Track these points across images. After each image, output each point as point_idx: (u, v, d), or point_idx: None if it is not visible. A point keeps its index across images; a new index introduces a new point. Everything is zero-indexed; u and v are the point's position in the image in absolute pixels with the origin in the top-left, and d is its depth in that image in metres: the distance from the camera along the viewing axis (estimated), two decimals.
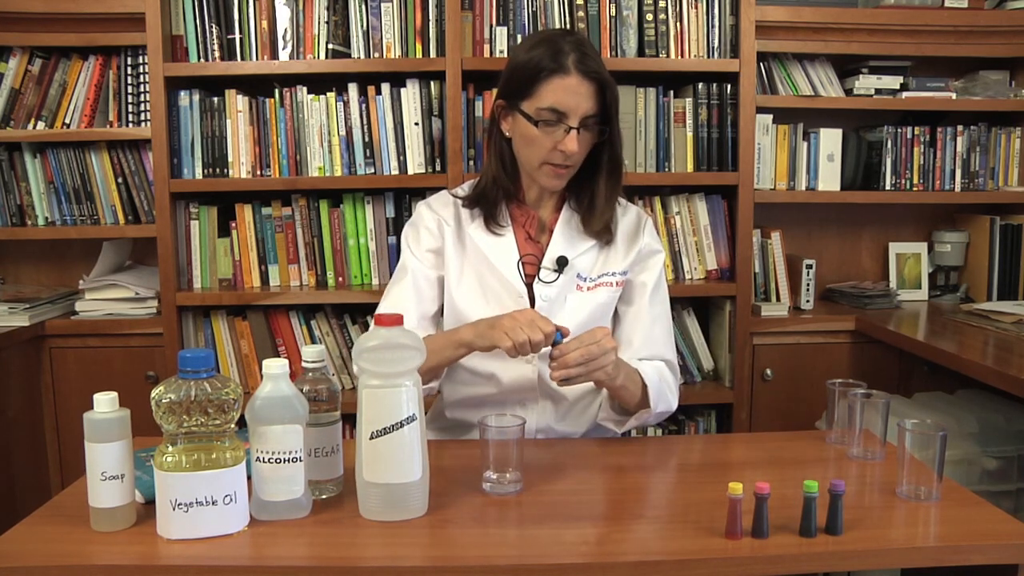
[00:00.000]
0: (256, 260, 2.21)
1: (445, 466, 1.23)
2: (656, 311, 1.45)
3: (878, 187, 2.37)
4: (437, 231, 1.46)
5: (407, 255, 1.46)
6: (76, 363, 2.15)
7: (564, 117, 1.31)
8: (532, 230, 1.44)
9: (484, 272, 1.42)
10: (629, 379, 1.31)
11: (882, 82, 2.30)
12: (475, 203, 1.45)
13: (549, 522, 1.04)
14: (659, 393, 1.35)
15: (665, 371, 1.41)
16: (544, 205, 1.46)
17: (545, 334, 1.20)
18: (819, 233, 2.56)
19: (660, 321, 1.46)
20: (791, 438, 1.37)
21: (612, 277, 1.43)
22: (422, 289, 1.43)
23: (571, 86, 1.30)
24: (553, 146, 1.33)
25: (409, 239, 1.48)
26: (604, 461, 1.30)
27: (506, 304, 1.41)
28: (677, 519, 1.05)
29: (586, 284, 1.42)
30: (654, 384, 1.34)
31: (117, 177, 2.22)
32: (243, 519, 1.01)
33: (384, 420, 1.01)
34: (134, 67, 2.19)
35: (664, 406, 1.38)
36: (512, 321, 1.22)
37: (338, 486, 1.12)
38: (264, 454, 1.02)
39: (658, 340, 1.44)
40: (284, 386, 1.03)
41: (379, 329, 1.03)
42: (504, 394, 1.41)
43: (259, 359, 2.19)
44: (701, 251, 2.28)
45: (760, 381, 2.24)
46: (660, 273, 1.47)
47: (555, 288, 1.41)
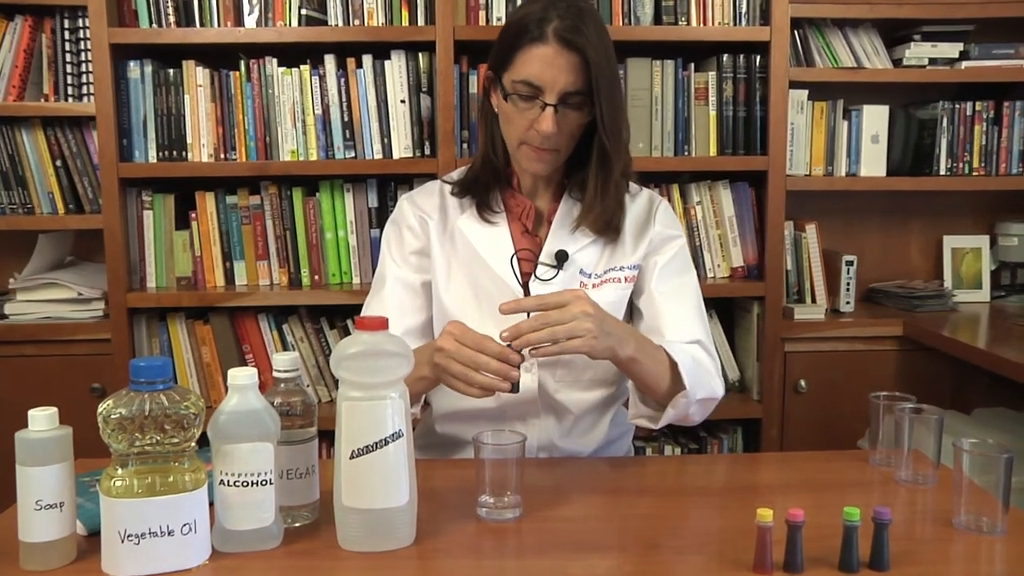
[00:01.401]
0: (220, 256, 2.21)
1: (435, 489, 1.23)
2: (673, 284, 1.43)
3: (931, 172, 2.37)
4: (420, 229, 1.46)
5: (386, 261, 1.47)
6: (8, 374, 2.15)
7: (540, 92, 1.31)
8: (529, 222, 1.44)
9: (475, 270, 1.43)
10: (645, 353, 1.27)
11: (938, 50, 2.28)
12: (465, 190, 1.45)
13: (553, 552, 1.04)
14: (695, 375, 1.31)
15: (698, 352, 1.37)
16: (541, 194, 1.46)
17: (494, 354, 1.16)
18: (861, 225, 2.56)
19: (681, 296, 1.43)
20: (829, 458, 1.37)
21: (620, 272, 1.43)
22: (403, 300, 1.44)
23: (547, 57, 1.29)
24: (529, 125, 1.33)
25: (391, 241, 1.48)
26: (615, 483, 1.30)
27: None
28: (698, 550, 1.05)
29: (591, 281, 1.42)
30: (685, 362, 1.30)
31: (55, 160, 2.22)
32: (204, 552, 1.01)
33: (366, 437, 1.01)
34: (73, 31, 2.18)
35: (706, 392, 1.33)
36: (449, 360, 1.17)
37: (314, 512, 1.13)
38: (229, 476, 1.02)
39: (683, 318, 1.40)
40: (252, 399, 1.03)
41: (361, 334, 1.03)
42: (502, 407, 1.41)
43: (223, 368, 2.20)
44: (725, 246, 2.28)
45: (793, 394, 2.25)
46: (676, 253, 1.45)
47: (554, 287, 1.40)
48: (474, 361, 1.17)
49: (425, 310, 1.46)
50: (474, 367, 1.17)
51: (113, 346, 2.14)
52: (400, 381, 1.03)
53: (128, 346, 2.15)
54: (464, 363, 1.17)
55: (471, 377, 1.18)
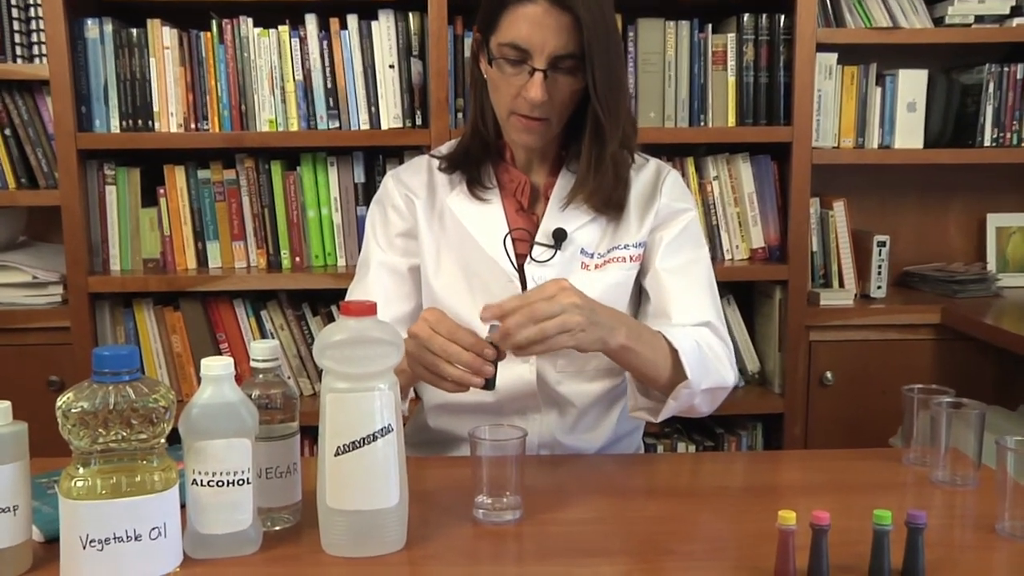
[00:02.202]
0: (191, 236, 2.21)
1: (428, 489, 1.24)
2: (680, 261, 1.42)
3: (974, 143, 2.36)
4: (406, 209, 1.46)
5: (370, 244, 1.47)
6: None
7: (528, 56, 1.30)
8: (524, 199, 1.44)
9: (466, 252, 1.43)
10: (640, 341, 1.26)
11: (985, 6, 2.26)
12: (454, 165, 1.45)
13: (556, 558, 1.04)
14: (698, 361, 1.30)
15: (707, 336, 1.37)
16: (537, 168, 1.46)
17: (467, 345, 1.15)
18: (895, 203, 2.56)
19: (690, 274, 1.42)
20: (857, 457, 1.38)
21: (625, 251, 1.43)
22: (389, 286, 1.44)
23: (535, 17, 1.28)
24: (517, 93, 1.33)
25: (375, 223, 1.48)
26: (623, 483, 1.30)
27: (493, 292, 1.40)
28: (714, 556, 1.06)
29: (593, 261, 1.42)
30: (687, 348, 1.29)
31: (3, 128, 2.21)
32: (175, 558, 1.01)
33: (353, 432, 1.01)
34: None
35: (713, 380, 1.33)
36: (420, 348, 1.16)
37: (295, 515, 1.13)
38: (202, 476, 1.02)
39: (691, 298, 1.40)
40: (228, 391, 1.03)
41: (346, 320, 1.03)
42: (499, 401, 1.41)
43: (196, 359, 2.20)
44: (744, 225, 2.28)
45: (818, 387, 2.25)
46: (686, 227, 1.44)
47: (552, 268, 1.40)
48: (444, 351, 1.16)
49: (413, 297, 1.46)
50: (445, 357, 1.17)
51: (73, 335, 2.14)
52: (389, 371, 1.04)
53: (89, 335, 2.15)
54: (436, 352, 1.17)
55: (441, 368, 1.17)
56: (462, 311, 1.39)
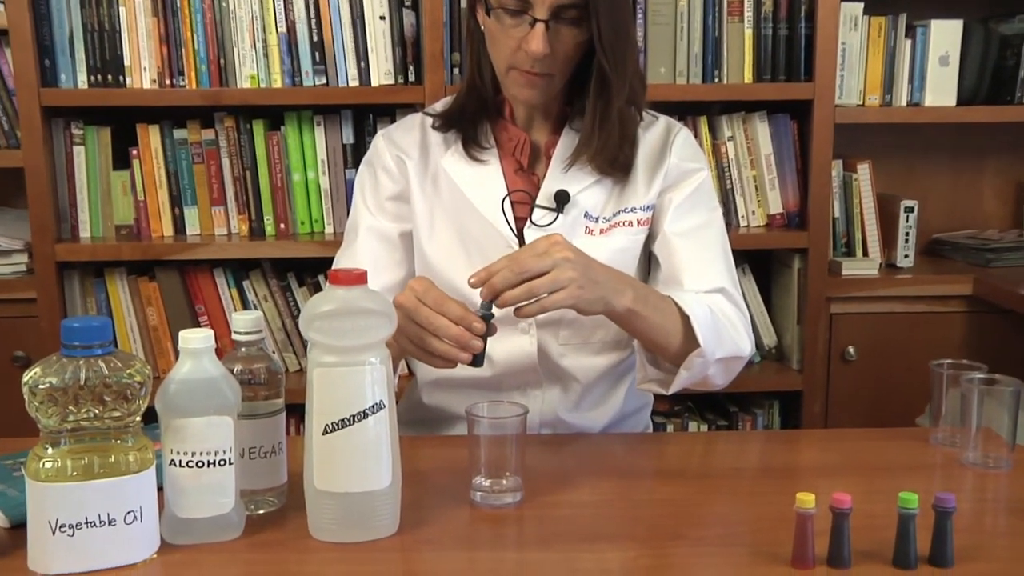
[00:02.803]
0: (167, 201, 2.21)
1: (422, 470, 1.24)
2: (691, 223, 1.42)
3: (1012, 100, 2.35)
4: (397, 171, 1.46)
5: (359, 208, 1.47)
6: None
7: (528, 6, 1.30)
8: (524, 158, 1.44)
9: (462, 216, 1.43)
10: (648, 304, 1.26)
11: None
12: (449, 123, 1.45)
13: (558, 544, 1.05)
14: (712, 330, 1.30)
15: (721, 303, 1.37)
16: (538, 126, 1.45)
17: (455, 318, 1.15)
18: (924, 165, 2.55)
19: (702, 238, 1.42)
20: (882, 437, 1.38)
21: (632, 214, 1.43)
22: (378, 254, 1.44)
23: None
24: (518, 46, 1.32)
25: (364, 185, 1.48)
26: (631, 464, 1.31)
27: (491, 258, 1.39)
28: (727, 541, 1.06)
29: (598, 226, 1.42)
30: (699, 314, 1.29)
31: None
32: (151, 544, 1.01)
33: (342, 410, 1.02)
34: None
35: (728, 349, 1.33)
36: (405, 319, 1.15)
37: (281, 498, 1.14)
38: (181, 456, 1.02)
39: (703, 263, 1.40)
40: (208, 365, 1.03)
41: (335, 289, 1.03)
42: (498, 375, 1.42)
43: (173, 332, 2.20)
44: (761, 190, 2.27)
45: (840, 362, 2.26)
46: (698, 188, 1.44)
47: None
48: (430, 323, 1.16)
49: (404, 264, 1.46)
50: (431, 330, 1.16)
51: (39, 307, 2.14)
52: (381, 344, 1.04)
53: (57, 307, 2.15)
54: (421, 324, 1.16)
55: (426, 342, 1.17)
56: (457, 278, 1.39)
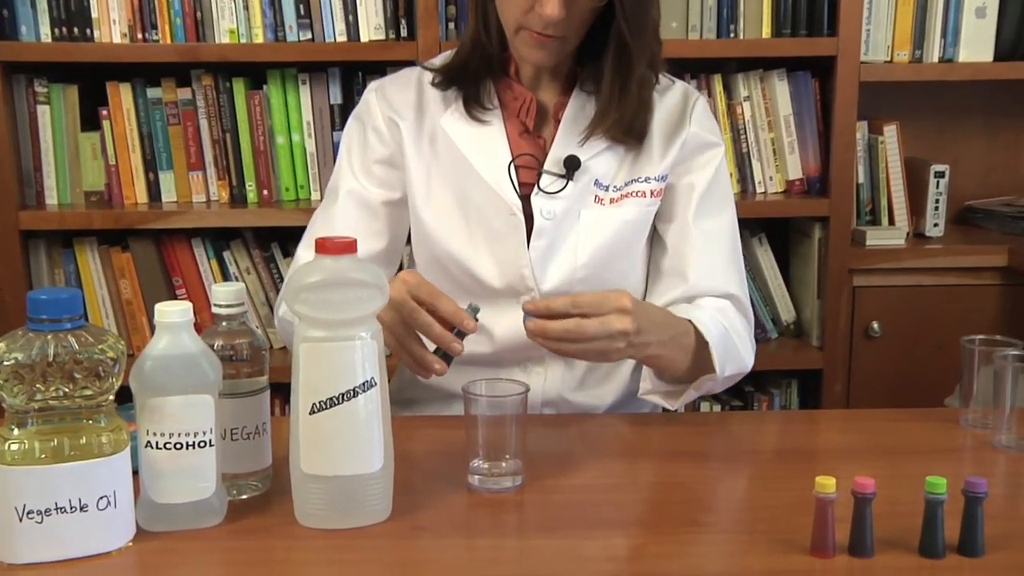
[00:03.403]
0: (141, 165, 2.20)
1: (416, 452, 1.25)
2: (712, 225, 1.45)
3: None
4: (388, 134, 1.46)
5: (342, 168, 1.48)
6: None
7: None
8: (530, 120, 1.43)
9: (463, 181, 1.43)
10: (671, 346, 1.31)
11: None
12: (450, 80, 1.44)
13: (561, 530, 1.05)
14: (727, 351, 1.35)
15: (732, 314, 1.41)
16: (546, 85, 1.45)
17: (447, 314, 1.19)
18: (956, 127, 2.54)
19: (719, 239, 1.45)
20: (908, 418, 1.39)
21: (645, 184, 1.43)
22: (357, 221, 1.44)
23: None
24: (530, 6, 1.32)
25: (351, 143, 1.48)
26: (639, 446, 1.31)
27: (494, 227, 1.41)
28: (742, 527, 1.07)
29: (608, 195, 1.43)
30: (717, 339, 1.34)
31: None
32: (126, 531, 1.02)
33: (330, 387, 1.02)
34: None
35: (735, 367, 1.38)
36: (390, 312, 1.18)
37: (265, 482, 1.14)
38: (158, 437, 1.02)
39: (715, 267, 1.44)
40: (186, 340, 1.03)
41: (322, 259, 1.03)
42: (497, 351, 1.43)
43: (148, 306, 2.20)
44: (780, 153, 2.27)
45: (863, 339, 2.26)
46: (717, 171, 1.47)
47: (562, 201, 1.41)
48: (415, 319, 1.19)
49: (384, 235, 1.47)
50: (415, 327, 1.19)
51: (2, 279, 2.14)
52: (372, 318, 1.04)
53: (22, 279, 2.15)
54: (405, 320, 1.19)
55: (405, 342, 1.21)
56: (456, 247, 1.40)
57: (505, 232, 1.41)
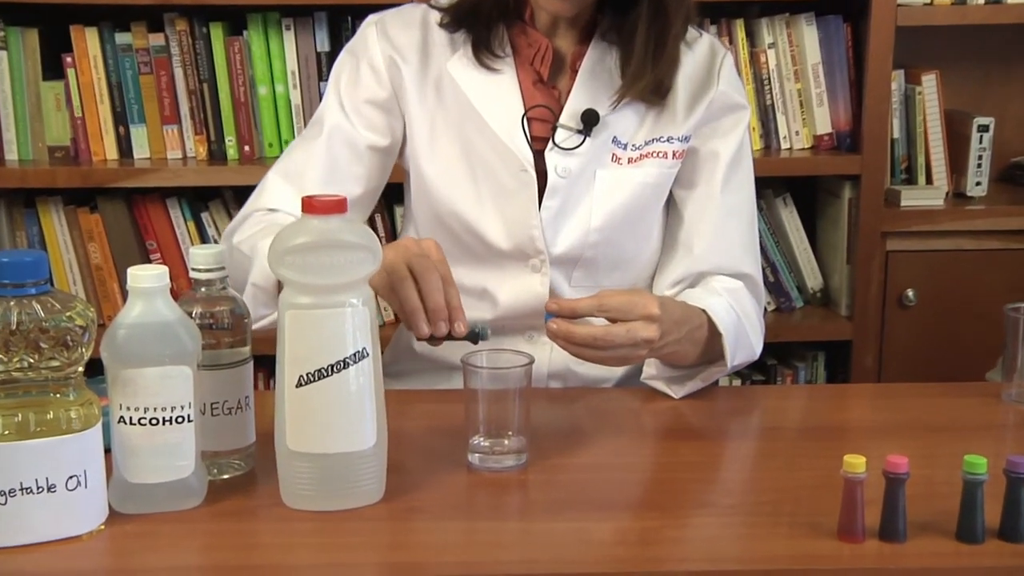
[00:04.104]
0: (110, 118, 2.20)
1: (412, 428, 1.25)
2: (733, 200, 1.46)
3: None
4: (387, 75, 1.45)
5: (330, 101, 1.47)
6: None
7: None
8: (544, 69, 1.43)
9: (470, 133, 1.42)
10: (688, 339, 1.34)
11: None
12: (459, 22, 1.44)
13: (567, 512, 1.06)
14: (738, 341, 1.38)
15: (744, 298, 1.43)
16: (563, 32, 1.45)
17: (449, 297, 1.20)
18: (1002, 76, 2.52)
19: (738, 215, 1.47)
20: (945, 393, 1.39)
21: (667, 145, 1.44)
22: (337, 160, 1.44)
23: None
24: None
25: (342, 76, 1.47)
26: (652, 422, 1.32)
27: (503, 184, 1.41)
28: (763, 510, 1.07)
29: (626, 154, 1.43)
30: (731, 332, 1.37)
31: None
32: (98, 514, 1.02)
33: (319, 358, 1.02)
34: None
35: (744, 355, 1.41)
36: (418, 258, 1.19)
37: (248, 460, 1.15)
38: (132, 412, 1.02)
39: (733, 244, 1.45)
40: (162, 307, 1.03)
41: (309, 219, 1.03)
42: (502, 319, 1.43)
43: (119, 272, 2.21)
44: (807, 106, 2.26)
45: (896, 308, 2.26)
46: (742, 140, 1.48)
47: (578, 158, 1.41)
48: (424, 274, 1.18)
49: (362, 182, 1.46)
50: (421, 283, 1.19)
51: None
52: (364, 283, 1.04)
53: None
54: (414, 271, 1.19)
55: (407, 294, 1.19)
56: (460, 204, 1.40)
57: (515, 190, 1.41)
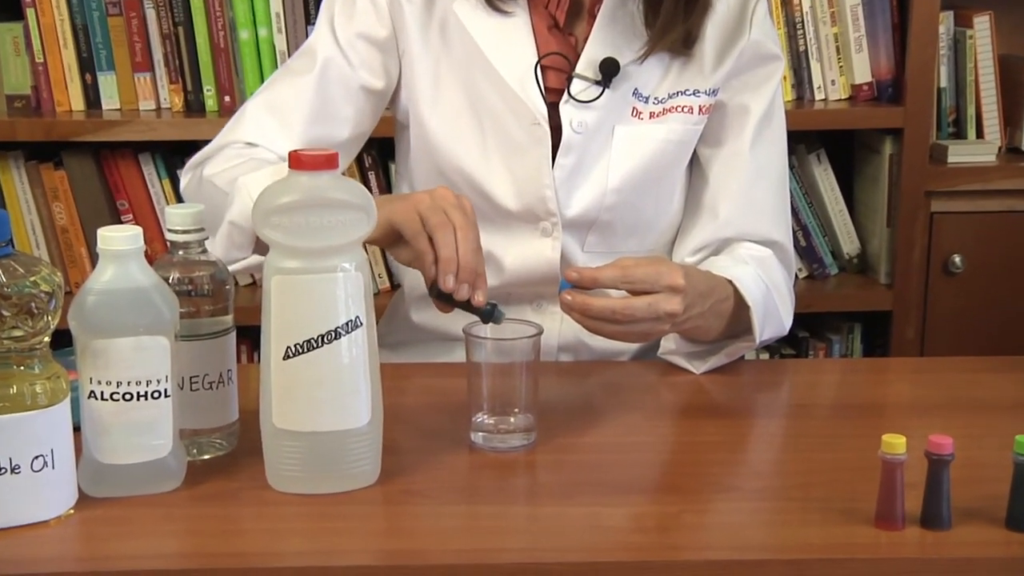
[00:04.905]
0: (75, 64, 2.19)
1: (410, 405, 1.26)
2: (763, 159, 1.47)
3: None
4: (388, 12, 1.45)
5: (322, 32, 1.46)
6: None
7: None
8: (560, 13, 1.43)
9: (478, 81, 1.42)
10: (712, 312, 1.34)
11: None
12: None
13: (579, 496, 1.06)
14: (767, 315, 1.38)
15: (774, 267, 1.44)
16: None
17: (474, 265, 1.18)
18: None
19: (768, 176, 1.47)
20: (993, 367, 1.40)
21: (693, 99, 1.44)
22: (327, 96, 1.43)
23: None
24: None
25: (336, 6, 1.46)
26: (671, 398, 1.33)
27: (513, 138, 1.42)
28: (794, 495, 1.08)
29: (648, 108, 1.43)
30: (760, 305, 1.37)
31: None
32: (67, 497, 1.02)
33: (308, 329, 1.02)
34: None
35: (772, 331, 1.41)
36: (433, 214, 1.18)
37: (231, 439, 1.15)
38: (104, 387, 1.03)
39: (762, 208, 1.46)
40: (136, 272, 1.03)
41: (297, 175, 1.03)
42: (507, 286, 1.43)
43: (88, 233, 2.21)
44: (844, 52, 2.25)
45: (941, 275, 2.26)
46: (775, 94, 1.48)
47: (596, 112, 1.41)
48: (465, 233, 1.17)
49: (349, 125, 1.45)
50: (452, 219, 1.18)
51: None
52: (358, 245, 1.04)
53: None
54: (458, 227, 1.18)
55: (449, 247, 1.18)
56: (466, 160, 1.40)
57: (526, 145, 1.41)
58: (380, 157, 2.24)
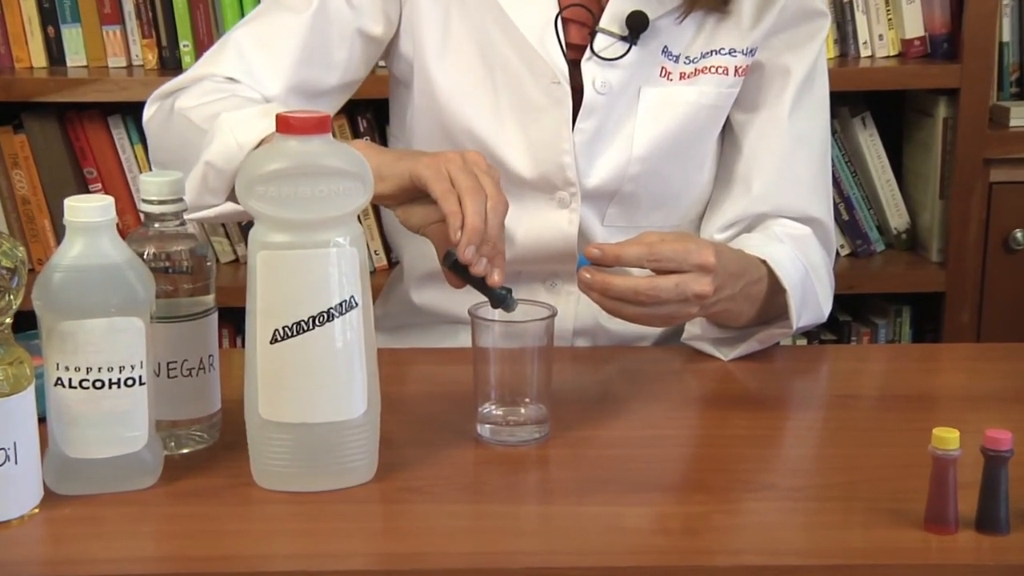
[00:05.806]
0: (36, 17, 2.20)
1: (410, 394, 1.27)
2: (803, 127, 1.47)
3: None
4: None
5: None
6: None
7: None
8: None
9: (493, 36, 1.42)
10: (743, 295, 1.34)
11: None
12: None
13: (595, 494, 1.07)
14: (804, 300, 1.39)
15: (812, 247, 1.44)
16: None
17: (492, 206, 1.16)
18: None
19: (808, 146, 1.47)
20: None
21: (728, 58, 1.44)
22: (324, 41, 1.43)
23: None
24: None
25: None
26: (698, 387, 1.34)
27: (529, 99, 1.42)
28: (834, 494, 1.08)
29: (678, 68, 1.43)
30: (797, 286, 1.37)
31: None
32: (31, 495, 1.03)
33: (297, 310, 1.03)
34: None
35: (810, 316, 1.42)
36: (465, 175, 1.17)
37: (212, 431, 1.16)
38: (72, 373, 1.03)
39: (801, 181, 1.46)
40: (107, 246, 1.03)
41: (285, 140, 1.03)
42: (518, 262, 1.42)
43: (52, 204, 2.22)
44: (894, 3, 2.25)
45: (1000, 252, 2.26)
46: (818, 55, 1.48)
47: (621, 71, 1.41)
48: (496, 202, 1.16)
49: (342, 72, 1.45)
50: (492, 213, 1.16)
51: None
52: (352, 218, 1.05)
53: None
54: (490, 195, 1.17)
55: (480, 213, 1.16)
56: (477, 121, 1.41)
57: (544, 106, 1.41)
58: (376, 121, 2.25)
